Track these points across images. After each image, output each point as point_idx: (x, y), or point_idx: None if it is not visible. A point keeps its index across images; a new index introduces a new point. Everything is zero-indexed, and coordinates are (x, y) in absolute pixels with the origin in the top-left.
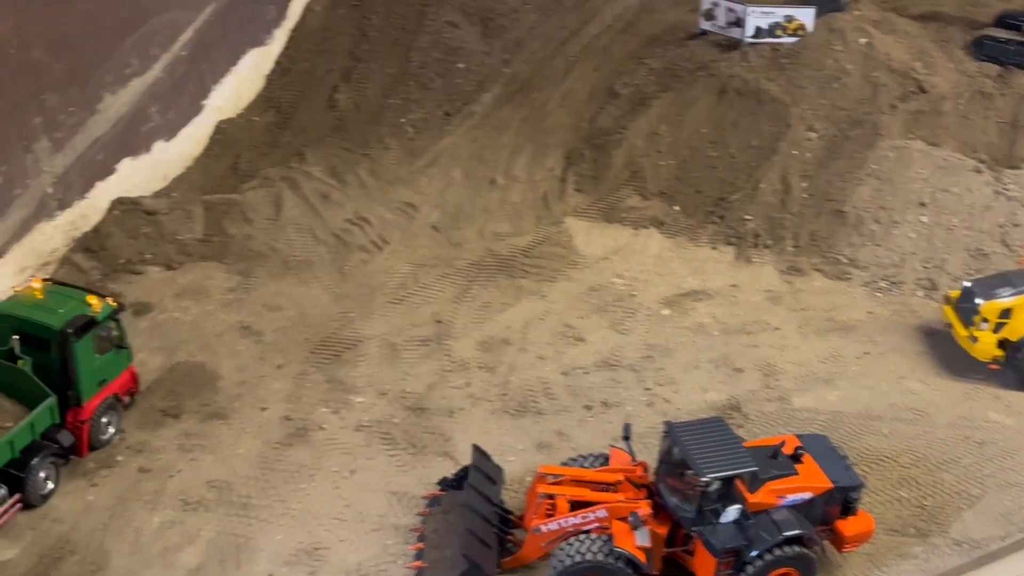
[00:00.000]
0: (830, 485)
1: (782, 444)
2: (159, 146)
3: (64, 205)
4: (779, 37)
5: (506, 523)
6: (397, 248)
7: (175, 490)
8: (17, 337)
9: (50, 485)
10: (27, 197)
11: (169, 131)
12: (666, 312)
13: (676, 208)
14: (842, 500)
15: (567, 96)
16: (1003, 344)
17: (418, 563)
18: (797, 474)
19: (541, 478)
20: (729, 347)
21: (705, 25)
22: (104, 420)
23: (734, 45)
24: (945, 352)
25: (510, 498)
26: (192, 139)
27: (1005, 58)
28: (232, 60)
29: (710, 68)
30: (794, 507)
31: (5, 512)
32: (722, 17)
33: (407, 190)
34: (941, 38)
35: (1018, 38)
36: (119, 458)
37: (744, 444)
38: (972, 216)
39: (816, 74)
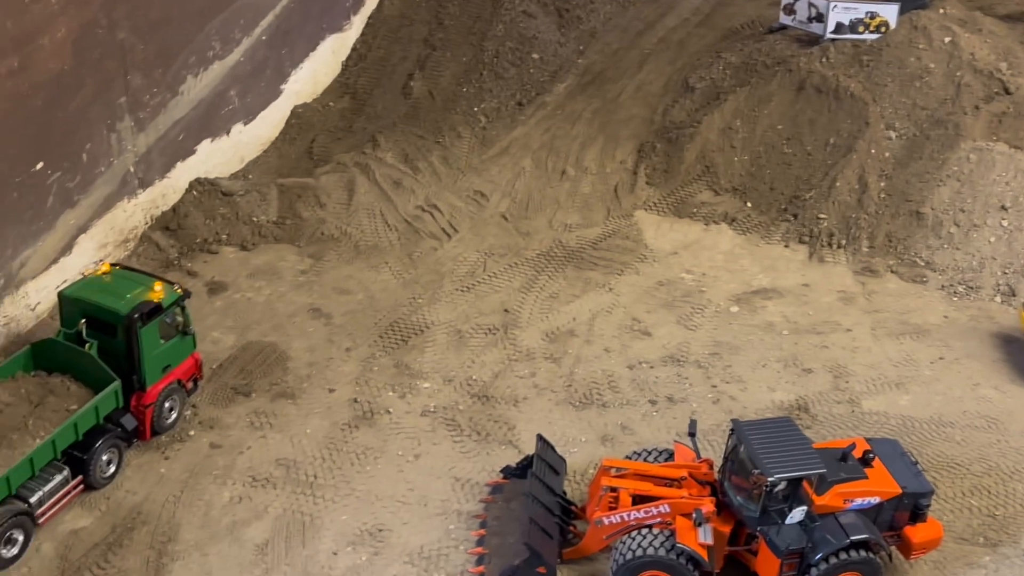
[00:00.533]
0: (899, 490)
1: (851, 447)
2: (237, 128)
3: (145, 184)
4: (861, 33)
5: (568, 514)
6: (466, 236)
7: (244, 466)
8: (84, 321)
9: (112, 468)
10: (110, 175)
11: (247, 114)
12: (735, 309)
13: (748, 205)
14: (911, 506)
15: (640, 88)
16: None
17: (480, 549)
18: (866, 478)
19: (604, 471)
20: (799, 347)
21: (785, 20)
22: (167, 405)
23: (814, 41)
24: (1022, 359)
25: (572, 490)
26: (269, 122)
27: None
28: (311, 46)
29: (788, 63)
30: (861, 511)
31: (67, 494)
32: (802, 12)
33: (478, 179)
34: None
35: None
36: (191, 433)
37: (813, 445)
38: None
39: (898, 72)
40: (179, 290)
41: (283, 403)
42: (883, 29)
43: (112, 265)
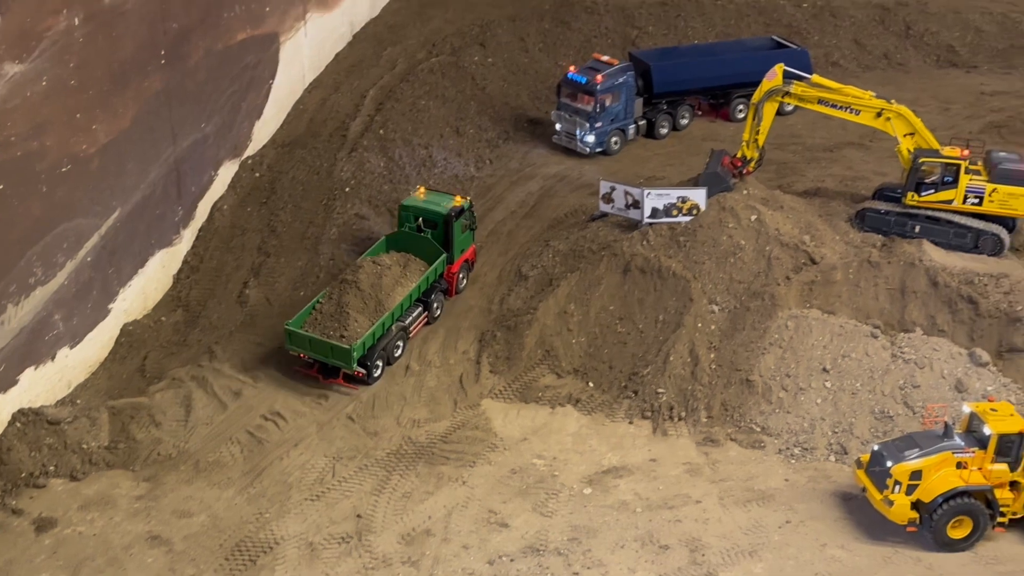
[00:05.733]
0: None
1: None
2: (63, 353)
3: None
4: (675, 217)
5: None
6: (313, 442)
7: None
8: (421, 220)
9: (439, 311)
10: None
11: (73, 337)
12: (588, 491)
13: (591, 385)
14: None
15: (475, 280)
16: (917, 505)
17: None
18: None
19: None
20: (653, 523)
21: (604, 208)
22: (461, 275)
23: (634, 225)
24: (863, 516)
25: None
26: (97, 343)
27: (887, 228)
28: (139, 262)
29: (612, 248)
30: None
31: (420, 324)
32: (620, 200)
33: None
34: (826, 212)
35: (897, 209)
36: None
37: None
38: (873, 380)
39: (713, 250)
40: (469, 199)
41: None
42: (695, 211)
43: (426, 188)
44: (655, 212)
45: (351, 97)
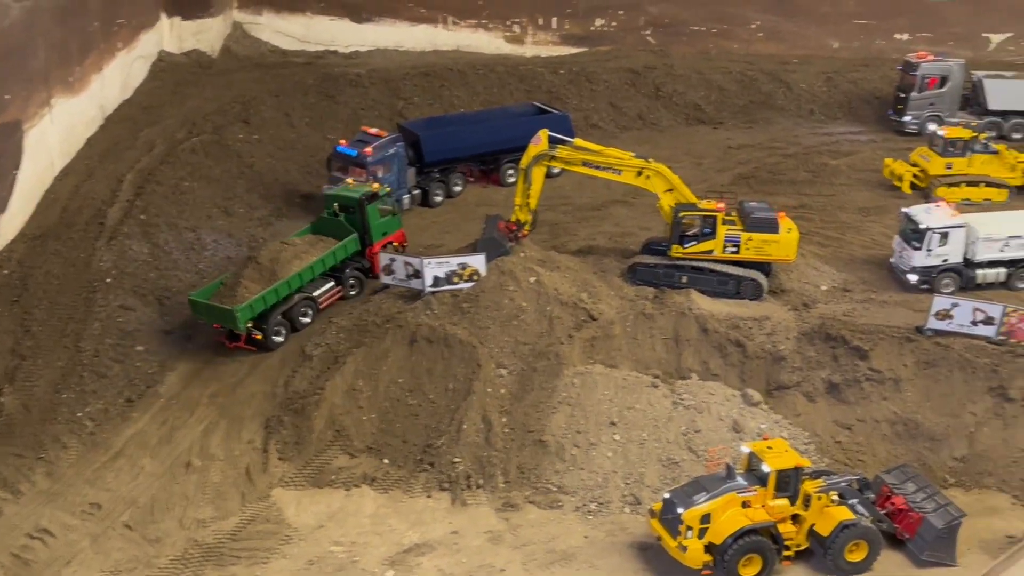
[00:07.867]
0: None
1: None
2: None
3: None
4: (456, 284)
5: None
6: (87, 557)
7: None
8: (337, 205)
9: (355, 291)
10: None
11: None
12: (391, 573)
13: (386, 461)
14: None
15: (257, 364)
16: (710, 548)
17: None
18: None
19: None
20: None
21: (385, 279)
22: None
23: (416, 295)
24: (660, 565)
25: None
26: None
27: (657, 280)
28: None
29: (397, 319)
30: None
31: (331, 296)
32: (400, 271)
33: (92, 489)
34: (599, 268)
35: (664, 261)
36: None
37: None
38: (658, 428)
39: (496, 314)
40: (388, 188)
41: None
42: (475, 277)
43: (350, 181)
44: (436, 280)
45: (107, 183)
